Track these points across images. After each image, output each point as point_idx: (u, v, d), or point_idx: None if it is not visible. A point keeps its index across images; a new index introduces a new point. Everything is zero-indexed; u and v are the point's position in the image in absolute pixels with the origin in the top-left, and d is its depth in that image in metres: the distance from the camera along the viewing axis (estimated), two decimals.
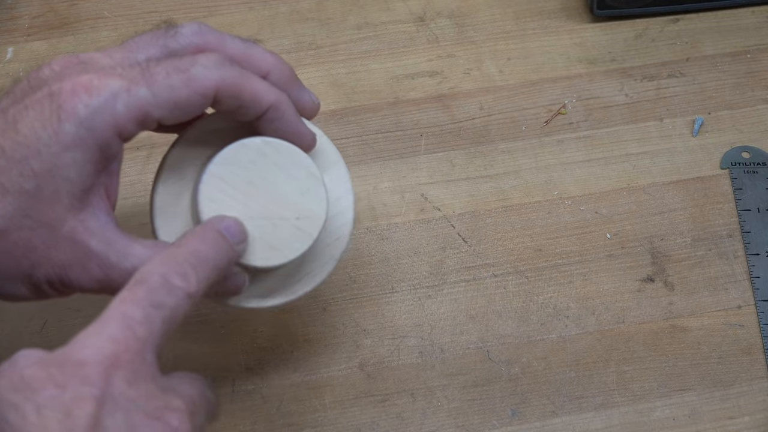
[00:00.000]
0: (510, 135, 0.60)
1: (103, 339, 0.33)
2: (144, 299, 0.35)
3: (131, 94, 0.37)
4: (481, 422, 0.50)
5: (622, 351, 0.52)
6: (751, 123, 0.61)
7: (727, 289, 0.54)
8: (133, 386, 0.33)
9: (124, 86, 0.37)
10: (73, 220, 0.38)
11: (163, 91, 0.38)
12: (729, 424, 0.50)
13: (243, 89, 0.40)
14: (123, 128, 0.38)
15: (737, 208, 0.57)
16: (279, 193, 0.42)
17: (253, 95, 0.40)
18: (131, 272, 0.37)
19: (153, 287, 0.35)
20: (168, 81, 0.38)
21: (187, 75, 0.38)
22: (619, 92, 0.62)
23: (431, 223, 0.57)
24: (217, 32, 0.42)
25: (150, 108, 0.38)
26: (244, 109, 0.41)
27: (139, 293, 0.35)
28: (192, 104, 0.39)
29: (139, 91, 0.38)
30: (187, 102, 0.39)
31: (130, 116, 0.38)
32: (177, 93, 0.38)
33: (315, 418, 0.50)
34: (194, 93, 0.39)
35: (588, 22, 0.65)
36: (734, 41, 0.64)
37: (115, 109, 0.37)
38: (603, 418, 0.50)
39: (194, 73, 0.39)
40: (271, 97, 0.41)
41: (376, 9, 0.65)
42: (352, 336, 0.53)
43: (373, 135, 0.60)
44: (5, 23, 0.64)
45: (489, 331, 0.53)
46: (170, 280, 0.35)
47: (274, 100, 0.41)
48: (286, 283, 0.44)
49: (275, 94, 0.41)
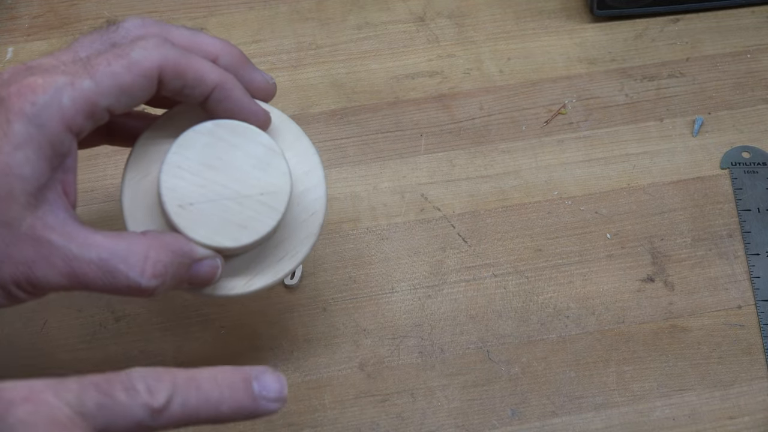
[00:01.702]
0: (510, 135, 0.60)
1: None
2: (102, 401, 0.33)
3: (75, 87, 0.38)
4: (481, 422, 0.50)
5: (622, 351, 0.52)
6: (751, 123, 0.61)
7: (727, 289, 0.54)
8: None
9: (67, 81, 0.38)
10: (31, 217, 0.38)
11: (106, 79, 0.38)
12: (729, 424, 0.50)
13: (186, 68, 0.40)
14: (72, 121, 0.38)
15: (737, 208, 0.57)
16: (239, 172, 0.42)
17: (197, 74, 0.41)
18: (96, 262, 0.38)
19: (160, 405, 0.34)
20: (109, 69, 0.39)
21: (128, 59, 0.39)
22: (619, 92, 0.62)
23: (431, 223, 0.57)
24: (160, 23, 0.42)
25: (95, 98, 0.38)
26: (189, 89, 0.41)
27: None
28: (137, 88, 0.39)
29: (83, 83, 0.38)
30: (132, 86, 0.39)
31: (77, 108, 0.38)
32: (120, 79, 0.39)
33: (315, 418, 0.50)
34: (137, 76, 0.39)
35: (588, 22, 0.65)
36: (734, 41, 0.64)
37: (61, 103, 0.38)
38: (603, 418, 0.50)
39: (134, 56, 0.39)
40: (215, 75, 0.41)
41: (376, 9, 0.65)
42: (352, 336, 0.53)
43: (373, 135, 0.60)
44: (5, 23, 0.64)
45: (489, 331, 0.53)
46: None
47: (218, 78, 0.41)
48: (268, 265, 0.44)
49: (219, 73, 0.41)
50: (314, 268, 0.55)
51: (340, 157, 0.59)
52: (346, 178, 0.58)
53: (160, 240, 0.40)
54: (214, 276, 0.42)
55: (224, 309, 0.53)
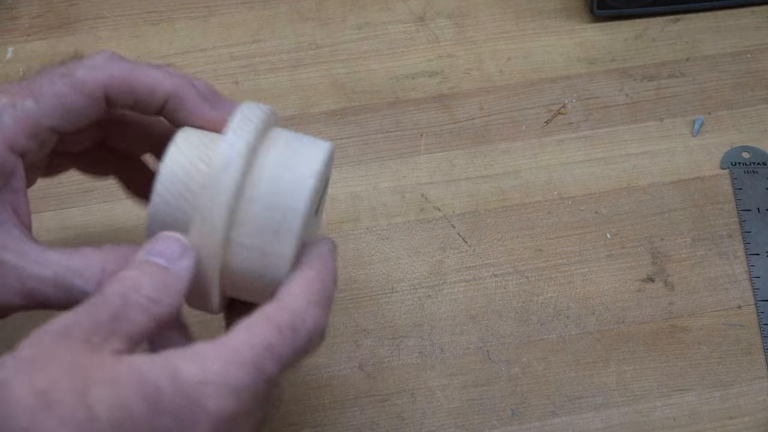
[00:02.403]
0: (510, 135, 0.60)
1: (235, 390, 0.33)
2: (284, 357, 0.34)
3: (17, 107, 0.37)
4: (481, 422, 0.50)
5: (622, 351, 0.52)
6: (751, 123, 0.61)
7: (727, 289, 0.54)
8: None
9: (8, 102, 0.38)
10: None
11: (49, 100, 0.38)
12: (729, 424, 0.50)
13: (135, 82, 0.39)
14: (13, 141, 0.37)
15: (737, 208, 0.57)
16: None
17: (148, 86, 0.39)
18: (51, 279, 0.37)
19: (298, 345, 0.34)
20: (52, 89, 0.38)
21: (72, 78, 0.38)
22: (619, 92, 0.62)
23: (431, 223, 0.57)
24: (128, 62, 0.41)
25: (37, 118, 0.38)
26: (142, 104, 0.40)
27: (284, 348, 0.34)
28: (82, 107, 0.38)
29: (25, 104, 0.38)
30: (76, 106, 0.38)
31: (18, 128, 0.37)
32: (64, 99, 0.38)
33: (315, 418, 0.50)
34: (81, 95, 0.38)
35: (588, 22, 0.65)
36: (734, 41, 0.64)
37: (2, 124, 0.37)
38: (603, 418, 0.50)
39: (79, 75, 0.38)
40: (168, 84, 0.39)
41: (376, 9, 0.65)
42: (352, 336, 0.53)
43: (373, 135, 0.60)
44: (5, 23, 0.64)
45: (489, 331, 0.53)
46: (312, 339, 0.35)
47: (171, 87, 0.39)
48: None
49: (173, 81, 0.39)
50: None
51: (340, 157, 0.59)
52: (346, 178, 0.58)
53: (117, 252, 0.38)
54: None
55: None
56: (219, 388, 0.33)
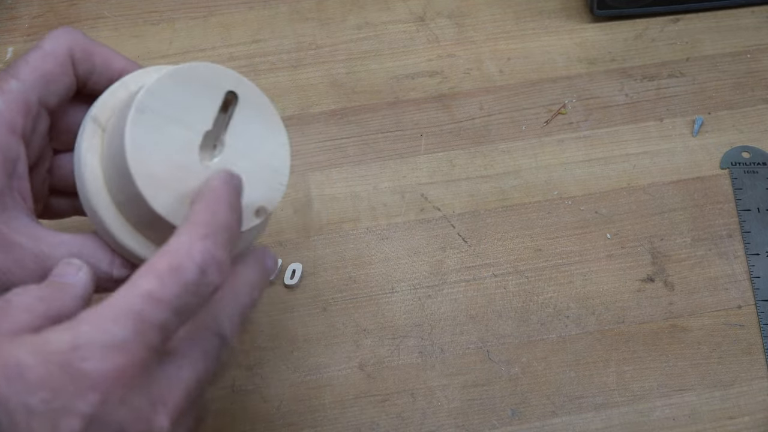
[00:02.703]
0: (510, 135, 0.60)
1: (113, 348, 0.32)
2: (171, 302, 0.33)
3: (4, 90, 0.40)
4: (481, 422, 0.50)
5: (622, 351, 0.52)
6: (751, 123, 0.61)
7: (727, 289, 0.54)
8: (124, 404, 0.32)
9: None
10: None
11: (29, 74, 0.40)
12: (729, 424, 0.50)
13: (93, 51, 0.42)
14: (12, 123, 0.39)
15: (737, 208, 0.57)
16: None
17: (104, 58, 0.42)
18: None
19: (186, 285, 0.33)
20: (28, 65, 0.40)
21: (41, 50, 0.41)
22: (619, 92, 0.62)
23: (431, 223, 0.57)
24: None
25: (25, 94, 0.40)
26: (97, 74, 0.42)
27: (167, 290, 0.33)
28: (58, 74, 0.41)
29: (11, 84, 0.40)
30: (52, 74, 0.41)
31: (12, 109, 0.39)
32: (40, 69, 0.40)
33: (315, 418, 0.50)
34: (53, 62, 0.41)
35: (588, 22, 0.65)
36: (734, 41, 0.64)
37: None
38: (603, 418, 0.50)
39: (46, 46, 0.41)
40: (122, 61, 0.43)
41: (376, 9, 0.65)
42: (352, 336, 0.53)
43: (373, 135, 0.60)
44: (5, 23, 0.64)
45: (489, 331, 0.53)
46: (207, 275, 0.34)
47: (124, 64, 0.43)
48: None
49: (126, 62, 0.43)
50: (314, 268, 0.55)
51: (340, 157, 0.59)
52: (346, 178, 0.58)
53: None
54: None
55: None
56: (93, 348, 0.32)
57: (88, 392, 0.31)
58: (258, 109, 0.42)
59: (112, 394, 0.31)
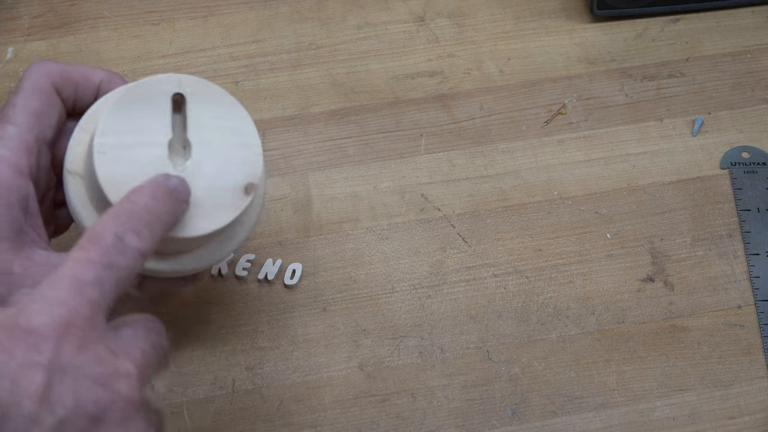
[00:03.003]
0: (510, 135, 0.60)
1: (54, 304, 0.34)
2: (96, 260, 0.35)
3: (3, 137, 0.42)
4: (481, 422, 0.50)
5: (622, 351, 0.52)
6: (751, 123, 0.61)
7: (727, 289, 0.54)
8: (82, 352, 0.33)
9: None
10: (18, 260, 0.40)
11: (20, 115, 0.42)
12: (729, 424, 0.50)
13: (71, 72, 0.44)
14: (18, 165, 0.41)
15: (737, 208, 0.57)
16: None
17: (83, 74, 0.45)
18: None
19: (106, 247, 0.36)
20: (16, 107, 0.42)
21: (23, 90, 0.43)
22: (619, 92, 0.62)
23: (431, 223, 0.57)
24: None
25: (22, 136, 0.42)
26: (81, 92, 0.44)
27: (91, 254, 0.35)
28: (46, 107, 0.43)
29: (8, 130, 0.42)
30: (41, 107, 0.43)
31: (15, 151, 0.41)
32: (29, 107, 0.43)
33: (315, 418, 0.50)
34: (39, 97, 0.43)
35: (588, 22, 0.65)
36: (734, 41, 0.64)
37: (1, 154, 0.41)
38: (603, 418, 0.50)
39: (27, 85, 0.43)
40: (100, 71, 0.45)
41: (376, 9, 0.65)
42: (352, 336, 0.53)
43: (373, 135, 0.60)
44: (5, 23, 0.64)
45: (489, 331, 0.53)
46: (124, 239, 0.36)
47: (104, 73, 0.45)
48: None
49: (104, 72, 0.45)
50: (314, 268, 0.55)
51: (340, 157, 0.59)
52: (346, 178, 0.58)
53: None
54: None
55: (225, 309, 0.53)
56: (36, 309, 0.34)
57: (40, 343, 0.32)
58: (207, 96, 0.44)
59: (66, 342, 0.33)
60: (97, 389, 0.33)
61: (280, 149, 0.59)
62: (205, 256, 0.45)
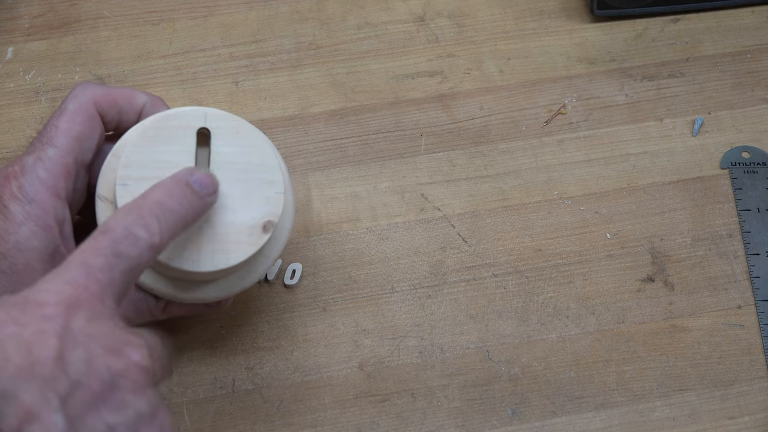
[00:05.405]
0: (510, 135, 0.60)
1: (63, 282, 0.35)
2: (106, 248, 0.36)
3: (43, 159, 0.43)
4: (481, 422, 0.50)
5: (622, 351, 0.52)
6: (751, 123, 0.61)
7: (727, 289, 0.54)
8: (93, 323, 0.34)
9: (35, 157, 0.43)
10: None
11: (63, 139, 0.43)
12: (729, 424, 0.50)
13: (116, 95, 0.45)
14: (55, 188, 0.43)
15: (737, 208, 0.57)
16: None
17: (127, 96, 0.46)
18: None
19: (116, 237, 0.37)
20: (58, 129, 0.44)
21: (66, 113, 0.44)
22: (619, 92, 0.62)
23: (431, 223, 0.57)
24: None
25: (63, 158, 0.43)
26: (126, 115, 0.46)
27: (101, 242, 0.36)
28: (89, 129, 0.44)
29: (47, 153, 0.43)
30: (84, 131, 0.44)
31: (53, 174, 0.43)
32: (72, 131, 0.44)
33: (315, 418, 0.50)
34: (82, 120, 0.44)
35: (588, 22, 0.65)
36: (734, 41, 0.64)
37: (40, 177, 0.42)
38: (603, 418, 0.50)
39: (70, 107, 0.44)
40: (143, 94, 0.46)
41: (376, 9, 0.65)
42: (352, 336, 0.53)
43: (373, 135, 0.60)
44: (5, 23, 0.64)
45: (489, 331, 0.53)
46: (133, 231, 0.37)
47: (146, 95, 0.46)
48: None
49: (145, 94, 0.46)
50: (314, 268, 0.55)
51: (340, 157, 0.59)
52: (346, 178, 0.58)
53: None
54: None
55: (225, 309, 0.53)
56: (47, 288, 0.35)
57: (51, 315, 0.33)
58: (233, 131, 0.45)
59: (76, 315, 0.34)
60: (109, 356, 0.34)
61: (280, 149, 0.59)
62: (227, 287, 0.46)
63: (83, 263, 0.35)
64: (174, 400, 0.50)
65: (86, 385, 0.33)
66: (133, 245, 0.37)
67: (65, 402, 0.32)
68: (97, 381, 0.33)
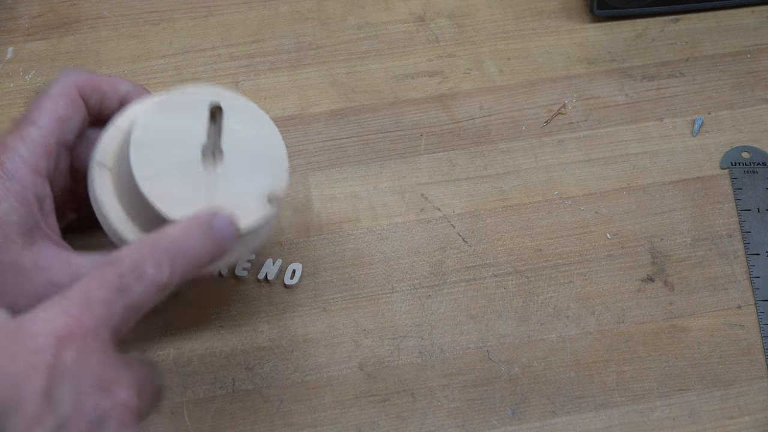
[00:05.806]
0: (510, 135, 0.60)
1: (58, 313, 0.35)
2: (111, 281, 0.36)
3: (24, 137, 0.43)
4: (481, 422, 0.50)
5: (622, 351, 0.52)
6: (751, 123, 0.61)
7: (727, 289, 0.54)
8: (83, 359, 0.34)
9: (18, 136, 0.43)
10: (30, 254, 0.42)
11: (44, 119, 0.44)
12: (729, 424, 0.50)
13: (98, 81, 0.46)
14: (36, 166, 0.43)
15: (737, 208, 0.57)
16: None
17: (110, 84, 0.46)
18: None
19: (123, 271, 0.37)
20: (41, 111, 0.44)
21: (50, 95, 0.45)
22: (619, 92, 0.62)
23: (431, 223, 0.57)
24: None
25: (44, 138, 0.44)
26: (108, 101, 0.46)
27: (107, 274, 0.37)
28: (71, 114, 0.45)
29: (30, 131, 0.43)
30: (66, 113, 0.44)
31: (35, 153, 0.43)
32: (55, 113, 0.44)
33: (315, 418, 0.50)
34: (65, 103, 0.44)
35: (588, 22, 0.65)
36: (734, 41, 0.64)
37: (21, 154, 0.43)
38: (603, 418, 0.50)
39: (53, 91, 0.45)
40: (126, 83, 0.47)
41: (376, 9, 0.65)
42: (352, 336, 0.53)
43: (373, 135, 0.60)
44: (5, 23, 0.64)
45: (489, 331, 0.53)
46: (142, 267, 0.37)
47: (129, 85, 0.47)
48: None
49: (129, 83, 0.47)
50: (314, 268, 0.55)
51: (340, 157, 0.59)
52: (346, 178, 0.58)
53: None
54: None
55: (224, 309, 0.53)
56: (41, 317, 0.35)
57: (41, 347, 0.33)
58: (244, 111, 0.47)
59: (67, 349, 0.34)
60: (97, 394, 0.34)
61: None
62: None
63: (85, 294, 0.36)
64: (174, 400, 0.50)
65: (73, 423, 0.33)
66: (138, 281, 0.37)
67: None
68: (84, 420, 0.33)
